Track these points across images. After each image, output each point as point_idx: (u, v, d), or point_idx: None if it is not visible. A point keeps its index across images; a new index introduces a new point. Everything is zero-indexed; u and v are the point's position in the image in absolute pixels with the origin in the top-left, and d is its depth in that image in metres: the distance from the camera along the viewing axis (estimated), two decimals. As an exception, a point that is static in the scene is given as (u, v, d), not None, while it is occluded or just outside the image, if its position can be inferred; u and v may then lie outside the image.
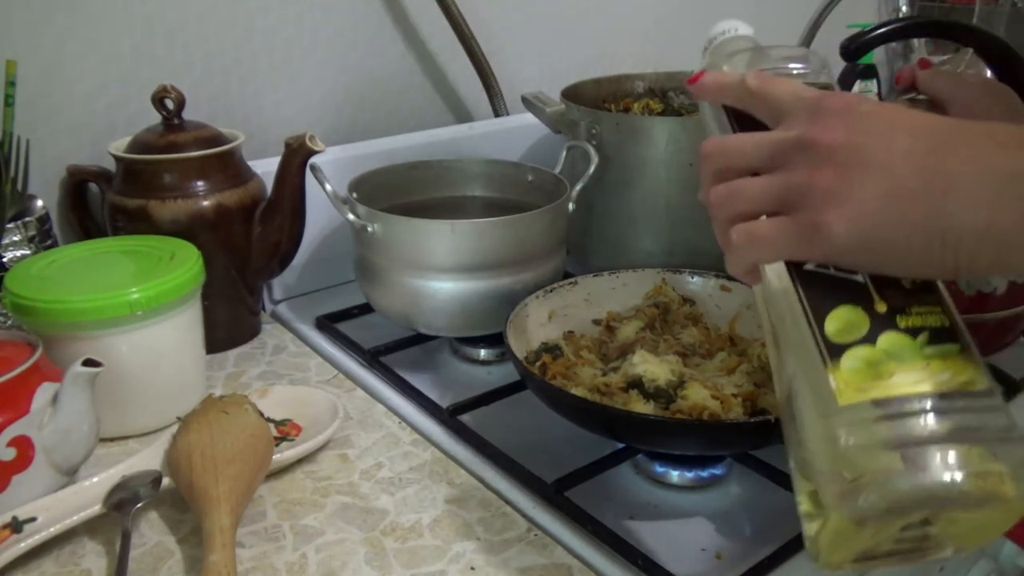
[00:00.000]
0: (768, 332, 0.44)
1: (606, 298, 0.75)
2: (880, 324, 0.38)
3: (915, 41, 1.63)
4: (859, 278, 0.39)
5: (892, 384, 0.36)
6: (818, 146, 0.38)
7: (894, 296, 0.39)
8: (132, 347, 0.63)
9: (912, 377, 0.36)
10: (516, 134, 1.05)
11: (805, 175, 0.38)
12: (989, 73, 0.74)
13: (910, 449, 0.35)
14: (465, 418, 0.67)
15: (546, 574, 0.52)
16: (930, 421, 0.35)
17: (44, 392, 0.55)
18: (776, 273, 0.41)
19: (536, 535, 0.55)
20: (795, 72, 0.47)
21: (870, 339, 0.37)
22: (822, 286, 0.39)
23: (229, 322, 0.79)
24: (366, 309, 0.84)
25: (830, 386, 0.37)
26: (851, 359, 0.37)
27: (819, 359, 0.37)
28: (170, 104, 0.74)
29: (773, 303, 0.42)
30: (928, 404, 0.36)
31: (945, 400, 0.36)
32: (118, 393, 0.62)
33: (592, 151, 0.81)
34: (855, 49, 0.69)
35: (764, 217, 0.41)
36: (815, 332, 0.38)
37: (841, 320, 0.38)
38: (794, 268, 0.40)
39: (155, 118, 0.76)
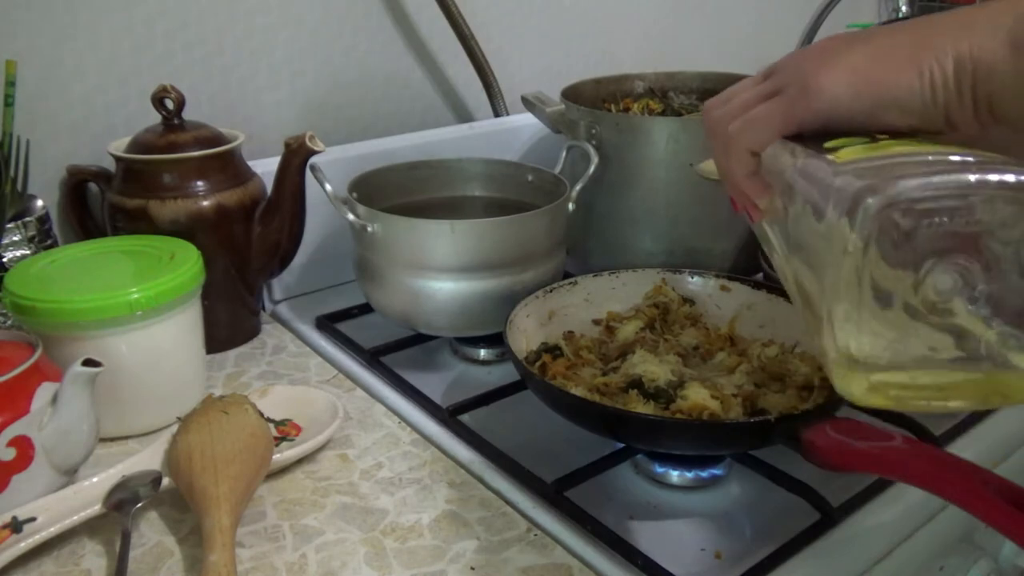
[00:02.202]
0: (782, 252, 0.43)
1: (606, 298, 0.75)
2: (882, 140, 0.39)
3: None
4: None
5: (895, 151, 0.36)
6: (801, 53, 0.42)
7: (895, 135, 0.39)
8: (132, 347, 0.63)
9: (918, 147, 0.37)
10: (516, 134, 1.05)
11: (790, 68, 0.42)
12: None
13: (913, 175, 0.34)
14: (465, 418, 0.67)
15: (546, 574, 0.52)
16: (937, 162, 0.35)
17: (44, 392, 0.55)
18: (778, 155, 0.41)
19: (536, 535, 0.55)
20: None
21: (870, 141, 0.38)
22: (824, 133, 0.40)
23: (229, 322, 0.79)
24: (366, 309, 0.84)
25: (827, 165, 0.37)
26: (850, 148, 0.38)
27: (819, 162, 0.38)
28: (170, 104, 0.74)
29: (782, 201, 0.41)
30: (932, 155, 0.36)
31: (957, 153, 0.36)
32: (118, 393, 0.62)
33: (592, 151, 0.81)
34: (855, 49, 0.69)
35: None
36: (814, 151, 0.39)
37: (839, 141, 0.39)
38: (791, 149, 0.40)
39: (155, 118, 0.76)
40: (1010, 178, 0.34)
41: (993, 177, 0.34)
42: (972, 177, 0.34)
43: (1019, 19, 0.37)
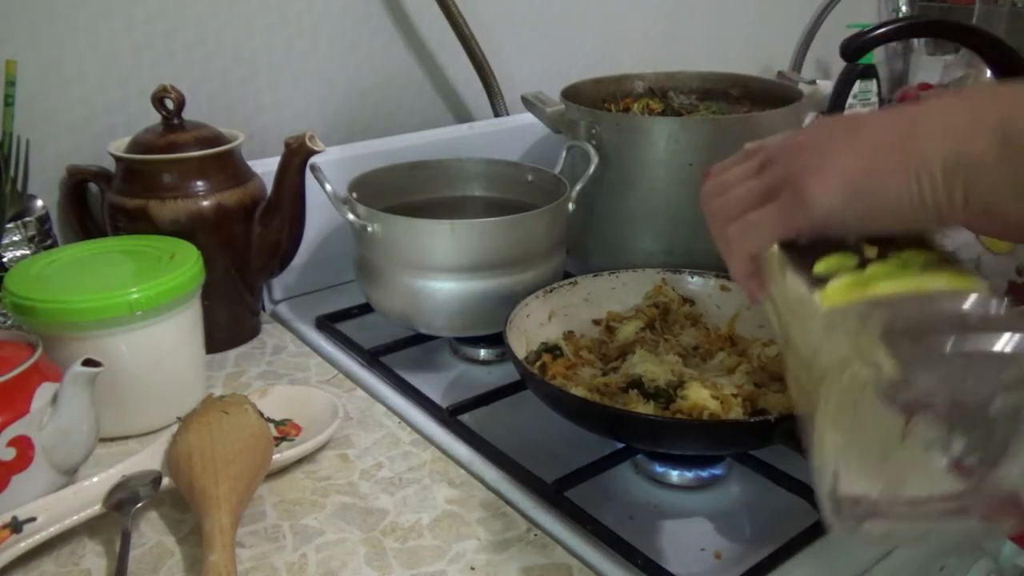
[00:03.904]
0: (780, 338, 0.43)
1: (606, 298, 0.75)
2: (869, 262, 0.39)
3: (915, 41, 1.63)
4: (849, 243, 0.40)
5: (880, 289, 0.36)
6: (794, 144, 0.43)
7: (885, 246, 0.40)
8: (132, 347, 0.63)
9: (902, 284, 0.36)
10: (516, 134, 1.05)
11: (784, 165, 0.42)
12: (989, 73, 0.74)
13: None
14: (465, 418, 0.67)
15: (546, 574, 0.52)
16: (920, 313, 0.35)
17: (44, 392, 0.55)
18: (774, 266, 0.42)
19: (536, 535, 0.55)
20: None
21: (858, 269, 0.38)
22: (813, 248, 0.40)
23: (229, 322, 0.79)
24: (366, 309, 0.84)
25: (814, 302, 0.37)
26: (837, 281, 0.38)
27: (806, 292, 0.38)
28: (170, 104, 0.74)
29: (778, 303, 0.42)
30: (919, 303, 0.35)
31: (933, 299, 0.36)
32: (118, 393, 0.62)
33: (592, 151, 0.81)
34: (855, 49, 0.69)
35: None
36: (804, 278, 0.39)
37: (829, 263, 0.39)
38: (787, 254, 0.41)
39: (155, 118, 0.76)
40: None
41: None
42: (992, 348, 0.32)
43: (1005, 115, 0.37)
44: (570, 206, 0.79)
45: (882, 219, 0.40)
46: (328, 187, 0.74)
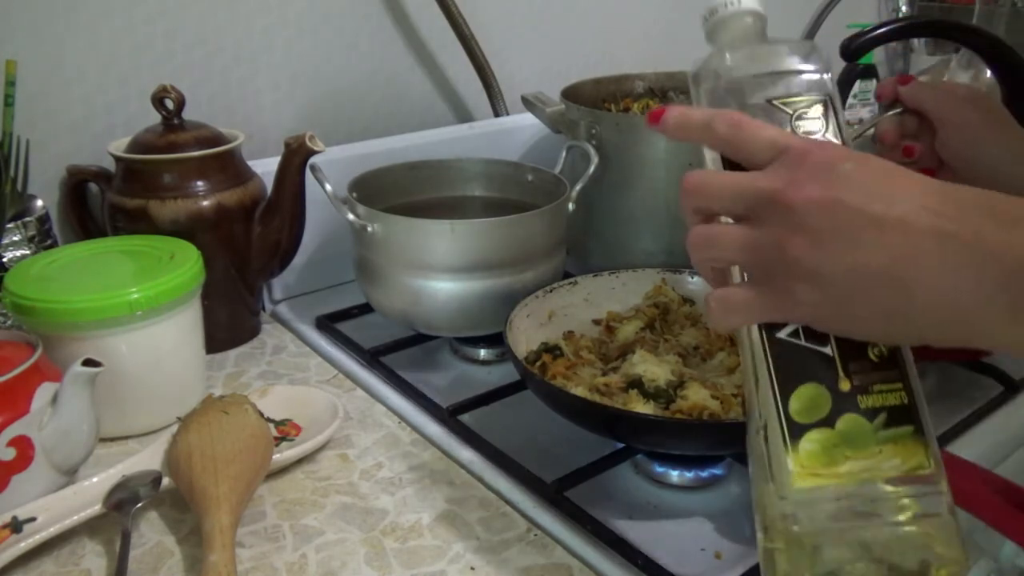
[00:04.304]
0: (745, 363, 0.44)
1: (606, 298, 0.75)
2: (841, 404, 0.39)
3: (915, 41, 1.63)
4: (828, 350, 0.40)
5: (844, 473, 0.39)
6: (793, 207, 0.38)
7: (859, 371, 0.40)
8: (132, 347, 0.63)
9: (863, 464, 0.39)
10: (516, 134, 1.05)
11: (777, 238, 0.38)
12: (989, 73, 0.74)
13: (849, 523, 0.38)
14: (465, 418, 0.67)
15: (546, 574, 0.52)
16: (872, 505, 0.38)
17: (44, 392, 0.55)
18: (750, 331, 0.42)
19: (536, 535, 0.55)
20: (799, 75, 0.44)
21: (830, 421, 0.39)
22: (791, 357, 0.40)
23: (229, 322, 0.79)
24: (366, 309, 0.84)
25: (788, 468, 0.39)
26: (809, 442, 0.39)
27: (780, 436, 0.39)
28: (170, 104, 0.74)
29: (746, 351, 0.42)
30: (873, 490, 0.38)
31: (890, 484, 0.39)
32: (118, 393, 0.62)
33: (592, 151, 0.81)
34: (855, 49, 0.69)
35: (736, 276, 0.42)
36: (779, 408, 0.40)
37: (804, 399, 0.40)
38: (766, 331, 0.41)
39: (155, 118, 0.76)
40: None
41: None
42: None
43: (1014, 271, 0.34)
44: (570, 206, 0.79)
45: (861, 336, 0.39)
46: (328, 187, 0.74)
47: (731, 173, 0.42)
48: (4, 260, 0.73)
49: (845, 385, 0.40)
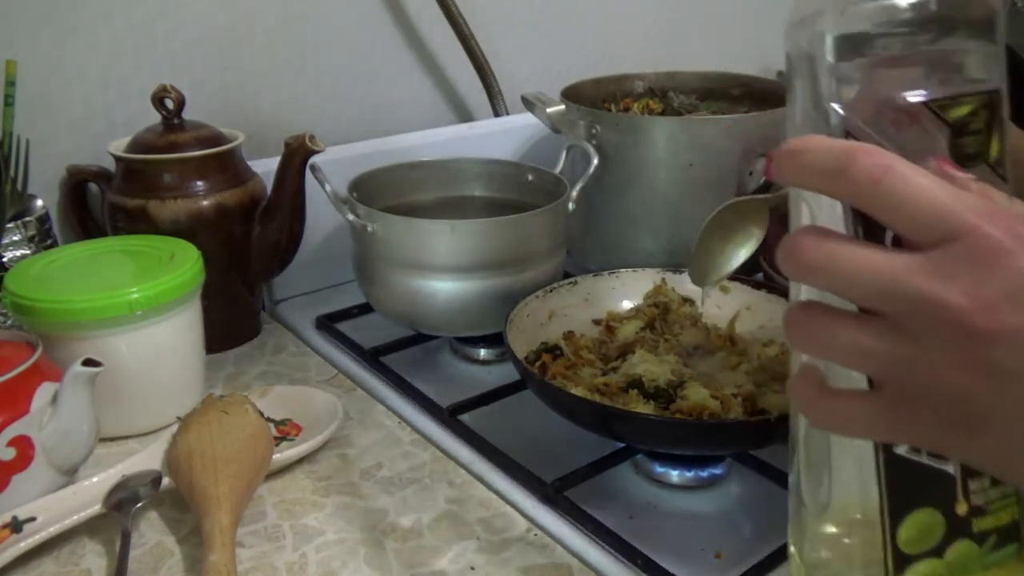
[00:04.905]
0: (819, 445, 0.39)
1: (606, 298, 0.75)
2: (955, 530, 0.35)
3: (915, 41, 1.63)
4: (950, 468, 0.34)
5: None
6: (980, 337, 0.27)
7: (979, 491, 0.35)
8: (132, 347, 0.63)
9: None
10: (516, 134, 1.05)
11: (943, 367, 0.28)
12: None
13: None
14: (465, 418, 0.67)
15: (546, 574, 0.52)
16: None
17: (44, 392, 0.55)
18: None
19: (536, 535, 0.55)
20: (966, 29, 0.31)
21: (939, 551, 0.35)
22: (908, 477, 0.34)
23: (229, 322, 0.79)
24: (366, 309, 0.84)
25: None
26: (914, 574, 0.35)
27: (883, 568, 0.35)
28: (170, 104, 0.74)
29: (833, 439, 0.37)
30: None
31: None
32: (118, 393, 0.62)
33: (592, 151, 0.81)
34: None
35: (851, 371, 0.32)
36: (887, 536, 0.35)
37: (917, 527, 0.34)
38: (883, 445, 0.34)
39: (155, 118, 0.76)
40: None
41: None
42: None
43: None
44: (570, 206, 0.78)
45: (1007, 478, 0.33)
46: (328, 187, 0.74)
47: (874, 253, 0.29)
48: (4, 260, 0.73)
49: (962, 508, 0.34)
